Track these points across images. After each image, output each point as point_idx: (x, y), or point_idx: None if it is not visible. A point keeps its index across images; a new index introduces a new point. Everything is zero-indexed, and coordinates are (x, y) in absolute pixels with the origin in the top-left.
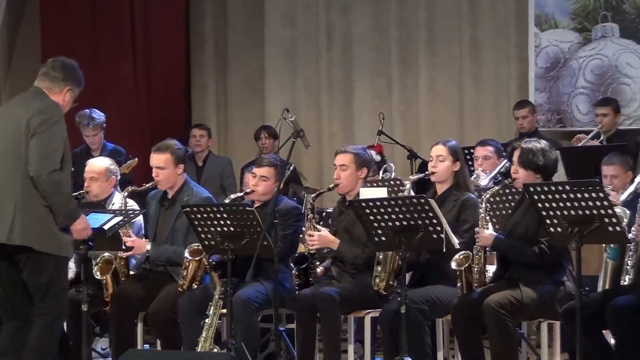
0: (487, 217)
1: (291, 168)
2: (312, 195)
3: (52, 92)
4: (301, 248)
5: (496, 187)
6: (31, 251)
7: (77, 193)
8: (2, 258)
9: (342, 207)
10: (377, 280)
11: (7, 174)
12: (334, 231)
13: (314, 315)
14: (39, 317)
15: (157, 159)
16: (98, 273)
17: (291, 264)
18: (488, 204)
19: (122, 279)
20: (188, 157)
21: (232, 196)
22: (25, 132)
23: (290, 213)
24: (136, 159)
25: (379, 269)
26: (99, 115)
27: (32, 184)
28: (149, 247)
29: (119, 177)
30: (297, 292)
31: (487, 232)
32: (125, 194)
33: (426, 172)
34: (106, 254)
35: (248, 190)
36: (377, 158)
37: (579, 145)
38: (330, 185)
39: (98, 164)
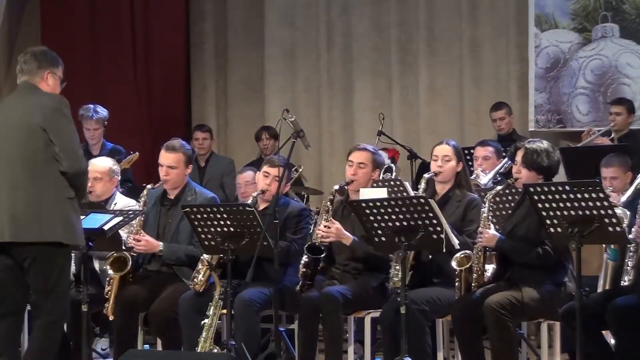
0: (490, 217)
1: (300, 170)
2: (335, 187)
3: (35, 82)
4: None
5: (499, 187)
6: (42, 249)
7: None
8: (6, 254)
9: (346, 204)
10: (395, 279)
11: (23, 171)
12: None
13: (317, 316)
14: (43, 315)
15: (170, 158)
16: (109, 267)
17: (305, 252)
18: (491, 204)
19: (130, 279)
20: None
21: (254, 194)
22: (41, 129)
23: (301, 215)
24: (137, 153)
25: (398, 267)
26: (102, 110)
27: (50, 177)
28: (161, 247)
29: (119, 178)
30: (300, 284)
31: (491, 233)
32: (144, 192)
33: (434, 172)
34: (123, 253)
35: (262, 189)
36: (387, 162)
37: (585, 141)
38: (347, 181)
39: (101, 163)
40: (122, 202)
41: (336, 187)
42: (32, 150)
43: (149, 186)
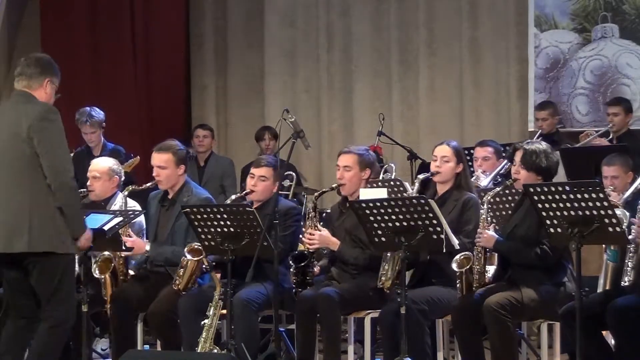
0: (489, 218)
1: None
2: (315, 194)
3: (32, 88)
4: (300, 248)
5: (497, 188)
6: (41, 257)
7: (79, 191)
8: (10, 264)
9: (342, 208)
10: (384, 278)
11: (11, 180)
12: (332, 232)
13: (314, 316)
14: (44, 320)
15: (159, 159)
16: (97, 271)
17: (290, 262)
18: (489, 205)
19: (121, 277)
20: (189, 157)
21: (233, 197)
22: (27, 138)
23: (288, 213)
24: (138, 157)
25: (387, 267)
26: (98, 113)
27: (39, 186)
28: (148, 247)
29: (122, 178)
30: (294, 291)
31: (490, 234)
32: (126, 193)
33: (432, 172)
34: (106, 252)
35: (247, 191)
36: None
37: (583, 142)
38: (334, 185)
39: (101, 163)
40: (123, 202)
41: (315, 194)
42: (20, 160)
43: (130, 187)
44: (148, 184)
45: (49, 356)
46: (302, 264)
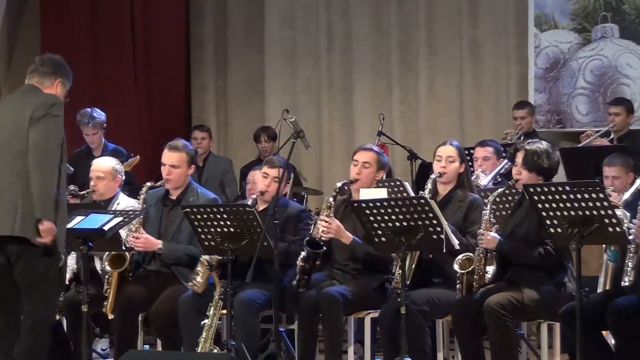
0: (492, 219)
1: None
2: (339, 184)
3: (43, 86)
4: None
5: (501, 189)
6: (26, 246)
7: (84, 192)
8: None
9: (348, 204)
10: (399, 278)
11: (10, 166)
12: None
13: (317, 316)
14: (27, 314)
15: (173, 157)
16: (106, 263)
17: (304, 245)
18: (492, 206)
19: (129, 278)
20: None
21: (254, 196)
22: (29, 124)
23: (301, 216)
24: (138, 156)
25: (401, 272)
26: (99, 114)
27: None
28: (161, 245)
29: (123, 178)
30: (297, 278)
31: (492, 235)
32: (144, 189)
33: (439, 173)
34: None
35: (262, 191)
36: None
37: (584, 143)
38: (350, 179)
39: (104, 163)
40: (124, 202)
41: (339, 184)
42: (20, 147)
43: (148, 184)
44: (159, 183)
45: (37, 353)
46: (318, 251)
